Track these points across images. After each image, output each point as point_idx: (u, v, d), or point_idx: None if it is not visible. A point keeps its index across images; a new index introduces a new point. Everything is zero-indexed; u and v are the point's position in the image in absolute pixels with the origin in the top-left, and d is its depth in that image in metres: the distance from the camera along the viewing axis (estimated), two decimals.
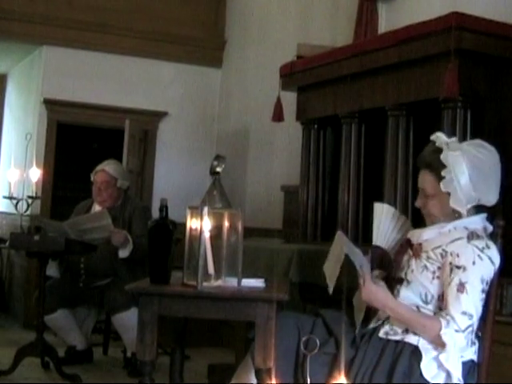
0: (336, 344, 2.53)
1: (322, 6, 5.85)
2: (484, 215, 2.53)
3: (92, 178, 4.94)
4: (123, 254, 4.63)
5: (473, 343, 2.44)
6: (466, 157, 2.48)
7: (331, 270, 2.66)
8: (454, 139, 2.58)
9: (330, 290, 2.65)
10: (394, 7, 5.02)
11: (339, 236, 2.67)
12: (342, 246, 2.59)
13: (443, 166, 2.48)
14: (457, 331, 2.34)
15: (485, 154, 2.51)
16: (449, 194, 2.48)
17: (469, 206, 2.49)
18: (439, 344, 2.36)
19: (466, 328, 2.36)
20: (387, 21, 5.01)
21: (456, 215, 2.51)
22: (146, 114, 7.04)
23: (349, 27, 5.25)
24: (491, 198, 2.51)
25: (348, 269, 2.58)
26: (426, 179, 2.56)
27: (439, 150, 2.51)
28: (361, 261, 2.51)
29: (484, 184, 2.48)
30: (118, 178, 4.89)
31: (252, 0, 6.99)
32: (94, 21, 6.78)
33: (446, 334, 2.33)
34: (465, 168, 2.46)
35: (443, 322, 2.34)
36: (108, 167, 4.91)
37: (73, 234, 4.38)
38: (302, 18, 6.08)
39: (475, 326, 2.42)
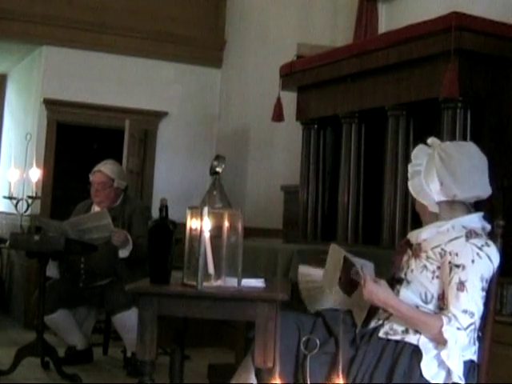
0: (336, 344, 2.53)
1: (322, 6, 5.85)
2: (481, 214, 2.54)
3: (90, 179, 4.93)
4: (123, 253, 4.63)
5: (474, 342, 2.44)
6: (436, 152, 2.53)
7: (330, 280, 2.67)
8: (435, 141, 2.63)
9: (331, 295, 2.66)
10: (394, 7, 5.02)
11: (333, 247, 2.69)
12: (339, 253, 2.60)
13: (410, 161, 2.61)
14: (459, 329, 2.34)
15: (456, 148, 2.57)
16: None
17: (437, 200, 2.51)
18: (441, 341, 2.36)
19: (468, 326, 2.36)
20: (387, 21, 5.02)
21: (441, 212, 2.53)
22: (145, 113, 7.04)
23: (349, 27, 5.26)
24: (464, 191, 2.51)
25: (347, 270, 2.58)
26: None
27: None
28: (362, 262, 2.52)
29: (451, 177, 2.49)
30: (114, 178, 4.87)
31: (252, 0, 6.99)
32: (94, 21, 6.78)
33: (448, 331, 2.33)
34: (430, 162, 2.52)
35: (445, 320, 2.35)
36: (104, 168, 4.89)
37: (73, 233, 4.37)
38: (302, 18, 6.07)
39: (477, 324, 2.42)
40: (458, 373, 2.36)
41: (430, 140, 2.61)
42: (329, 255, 2.72)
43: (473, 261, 2.39)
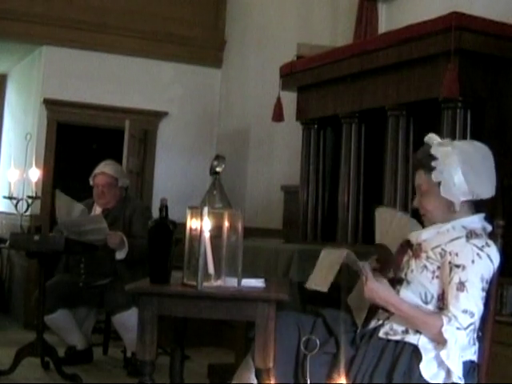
0: (336, 344, 2.53)
1: (321, 6, 5.85)
2: (482, 215, 2.54)
3: (91, 182, 4.90)
4: (119, 255, 4.64)
5: (474, 343, 2.44)
6: (457, 151, 2.51)
7: (320, 278, 2.66)
8: (447, 140, 2.62)
9: (325, 289, 2.65)
10: (394, 7, 5.02)
11: (329, 251, 2.68)
12: (339, 252, 2.60)
13: (433, 158, 2.51)
14: (458, 329, 2.34)
15: (474, 148, 2.56)
16: (439, 183, 2.49)
17: (462, 199, 2.50)
18: (440, 341, 2.36)
19: (468, 326, 2.36)
20: (387, 21, 5.02)
21: (452, 209, 2.50)
22: (145, 113, 7.04)
23: (349, 27, 5.26)
24: (485, 190, 2.51)
25: (347, 269, 2.58)
26: (419, 176, 2.59)
27: (430, 147, 2.55)
28: (361, 262, 2.52)
29: (476, 177, 2.49)
30: (118, 177, 4.88)
31: (252, 0, 6.99)
32: (94, 21, 6.78)
33: (448, 330, 2.33)
34: (456, 161, 2.48)
35: (445, 319, 2.35)
36: (107, 169, 4.88)
37: (69, 235, 4.37)
38: (302, 18, 6.08)
39: (477, 325, 2.42)
40: (457, 373, 2.36)
41: (427, 138, 2.60)
42: (321, 257, 2.71)
43: (473, 261, 2.39)
